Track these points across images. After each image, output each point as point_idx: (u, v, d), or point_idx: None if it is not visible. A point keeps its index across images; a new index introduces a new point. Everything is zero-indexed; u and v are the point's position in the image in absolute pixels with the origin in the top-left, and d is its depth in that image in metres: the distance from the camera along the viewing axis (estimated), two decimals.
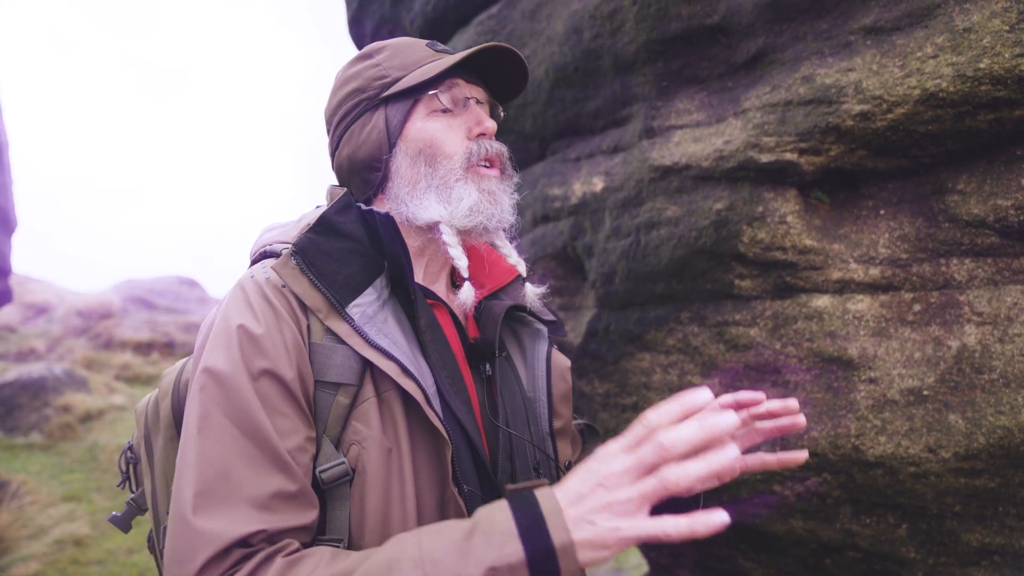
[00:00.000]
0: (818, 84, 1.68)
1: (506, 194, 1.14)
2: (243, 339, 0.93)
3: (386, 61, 1.13)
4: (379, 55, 1.14)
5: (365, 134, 1.12)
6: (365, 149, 1.12)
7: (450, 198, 1.08)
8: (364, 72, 1.13)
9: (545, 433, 1.16)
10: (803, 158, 1.72)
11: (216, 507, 0.84)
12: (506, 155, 1.16)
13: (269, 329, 0.94)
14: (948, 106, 1.48)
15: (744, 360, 1.87)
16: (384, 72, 1.12)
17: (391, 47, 1.15)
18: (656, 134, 2.13)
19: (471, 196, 1.09)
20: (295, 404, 0.93)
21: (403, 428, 0.98)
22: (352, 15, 3.64)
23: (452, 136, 1.11)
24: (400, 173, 1.11)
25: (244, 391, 0.89)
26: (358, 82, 1.13)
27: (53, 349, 13.85)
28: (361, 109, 1.12)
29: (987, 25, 1.42)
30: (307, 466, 0.92)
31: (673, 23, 2.01)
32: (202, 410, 0.89)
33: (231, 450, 0.87)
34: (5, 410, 8.79)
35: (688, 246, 1.94)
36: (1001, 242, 1.52)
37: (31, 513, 5.76)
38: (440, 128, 1.11)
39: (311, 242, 1.01)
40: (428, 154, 1.10)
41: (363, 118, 1.12)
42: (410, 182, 1.10)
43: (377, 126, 1.11)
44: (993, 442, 1.45)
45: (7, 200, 9.39)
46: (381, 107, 1.11)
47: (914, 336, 1.61)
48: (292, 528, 0.87)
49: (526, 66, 1.15)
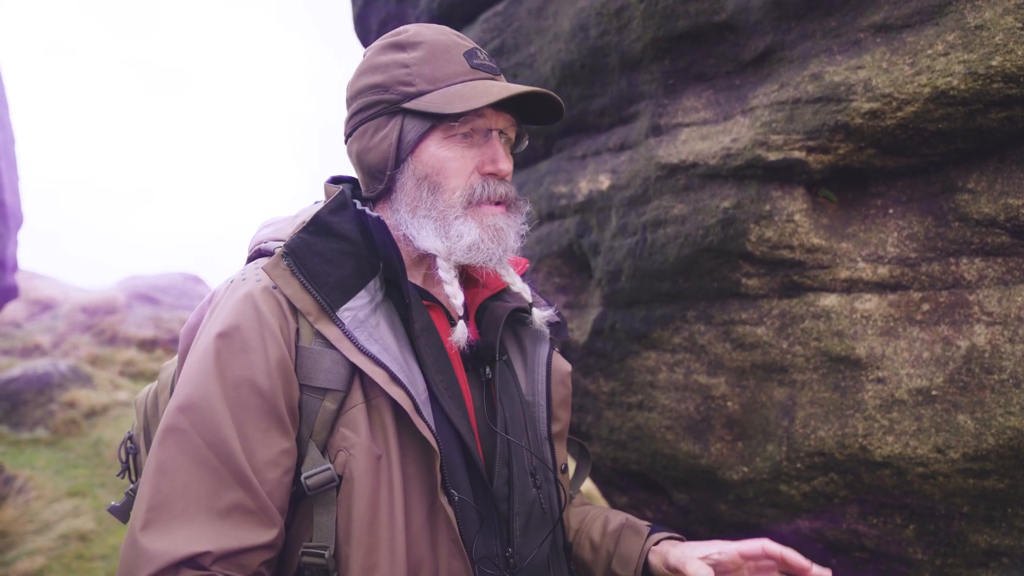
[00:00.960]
0: (827, 82, 1.67)
1: (513, 228, 1.08)
2: (221, 347, 0.91)
3: (416, 65, 1.04)
4: (412, 52, 1.05)
5: (376, 140, 1.06)
6: (373, 155, 1.06)
7: (448, 233, 1.04)
8: (391, 68, 1.05)
9: (543, 438, 1.16)
10: (811, 156, 1.71)
11: (167, 523, 0.83)
12: (513, 196, 1.10)
13: (251, 337, 0.92)
14: (959, 104, 1.47)
15: (751, 359, 1.87)
16: (411, 78, 1.03)
17: (427, 46, 1.05)
18: (663, 132, 2.12)
19: (471, 234, 1.03)
20: (271, 415, 0.91)
21: (393, 435, 0.96)
22: (358, 11, 3.63)
23: (462, 168, 1.05)
24: (404, 190, 1.06)
25: (214, 401, 0.88)
26: (383, 77, 1.06)
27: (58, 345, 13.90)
28: (378, 111, 1.06)
29: (999, 22, 1.41)
30: (277, 481, 0.91)
31: (680, 20, 2.00)
32: (168, 420, 0.89)
33: (191, 462, 0.86)
34: (10, 406, 8.82)
35: (695, 244, 1.93)
36: (1012, 241, 1.51)
37: (36, 508, 5.79)
38: (452, 157, 1.04)
39: (303, 242, 0.99)
40: (433, 181, 1.04)
41: (378, 121, 1.06)
42: (412, 203, 1.06)
43: (389, 137, 1.04)
44: (1003, 443, 1.44)
45: (13, 197, 9.42)
46: (399, 116, 1.04)
47: (923, 336, 1.60)
48: (249, 548, 0.86)
49: (561, 104, 1.09)
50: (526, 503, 1.07)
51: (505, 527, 1.04)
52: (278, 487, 0.91)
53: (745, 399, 1.89)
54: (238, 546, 0.84)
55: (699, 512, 2.12)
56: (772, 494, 1.83)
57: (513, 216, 1.09)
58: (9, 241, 9.18)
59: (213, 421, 0.87)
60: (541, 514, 1.10)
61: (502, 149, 1.09)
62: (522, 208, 1.12)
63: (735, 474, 1.88)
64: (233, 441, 0.87)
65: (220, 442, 0.87)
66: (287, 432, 0.93)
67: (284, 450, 0.92)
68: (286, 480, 0.92)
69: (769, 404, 1.83)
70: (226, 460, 0.86)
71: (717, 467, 1.92)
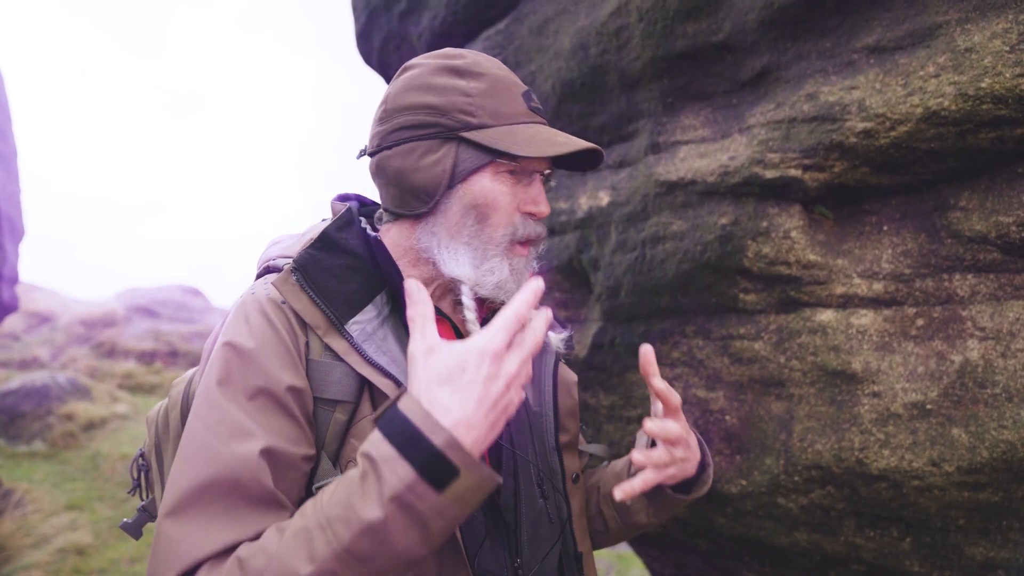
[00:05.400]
0: (822, 102, 1.71)
1: (528, 269, 1.11)
2: (234, 360, 0.93)
3: (479, 97, 1.04)
4: (473, 82, 1.05)
5: (427, 162, 1.04)
6: (421, 177, 1.05)
7: (482, 266, 1.05)
8: (450, 93, 1.04)
9: (551, 448, 1.17)
10: (807, 174, 1.74)
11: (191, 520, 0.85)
12: (544, 236, 1.13)
13: (264, 347, 0.94)
14: (950, 124, 1.51)
15: (748, 373, 1.89)
16: (472, 109, 1.03)
17: (488, 79, 1.05)
18: (662, 149, 2.16)
19: (502, 273, 1.05)
20: (290, 418, 0.92)
21: None
22: (360, 29, 3.68)
23: (509, 204, 1.07)
24: (447, 216, 1.06)
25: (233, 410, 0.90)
26: (440, 100, 1.04)
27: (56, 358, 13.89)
28: (432, 133, 1.04)
29: (988, 45, 1.45)
30: (296, 481, 0.92)
31: (679, 40, 2.04)
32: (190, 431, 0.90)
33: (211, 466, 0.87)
34: (8, 418, 8.80)
35: (693, 260, 1.96)
36: (1003, 258, 1.54)
37: (34, 522, 5.77)
38: (503, 192, 1.06)
39: (312, 258, 1.01)
40: (481, 213, 1.05)
41: (430, 143, 1.04)
42: (453, 230, 1.06)
43: (443, 163, 1.03)
44: (996, 456, 1.46)
45: (15, 209, 9.45)
46: (454, 143, 1.04)
47: (917, 350, 1.62)
48: None
49: (603, 156, 1.10)
50: (533, 513, 1.09)
51: (513, 538, 1.06)
52: (294, 486, 0.92)
53: (743, 413, 1.91)
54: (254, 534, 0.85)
55: (698, 525, 2.13)
56: (770, 507, 1.84)
57: (533, 256, 1.12)
58: (9, 254, 9.20)
59: (235, 428, 0.88)
60: (548, 524, 1.11)
61: (543, 192, 1.11)
62: (541, 247, 1.14)
63: (733, 487, 1.90)
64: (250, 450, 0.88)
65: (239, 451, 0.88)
66: (307, 436, 0.94)
67: (305, 453, 0.93)
68: (302, 482, 0.94)
69: (767, 418, 1.85)
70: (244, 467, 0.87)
71: (716, 480, 1.94)
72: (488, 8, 2.84)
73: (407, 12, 3.26)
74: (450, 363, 0.78)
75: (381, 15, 3.46)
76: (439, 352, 0.79)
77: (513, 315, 0.79)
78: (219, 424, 0.89)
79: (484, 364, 0.77)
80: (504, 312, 0.80)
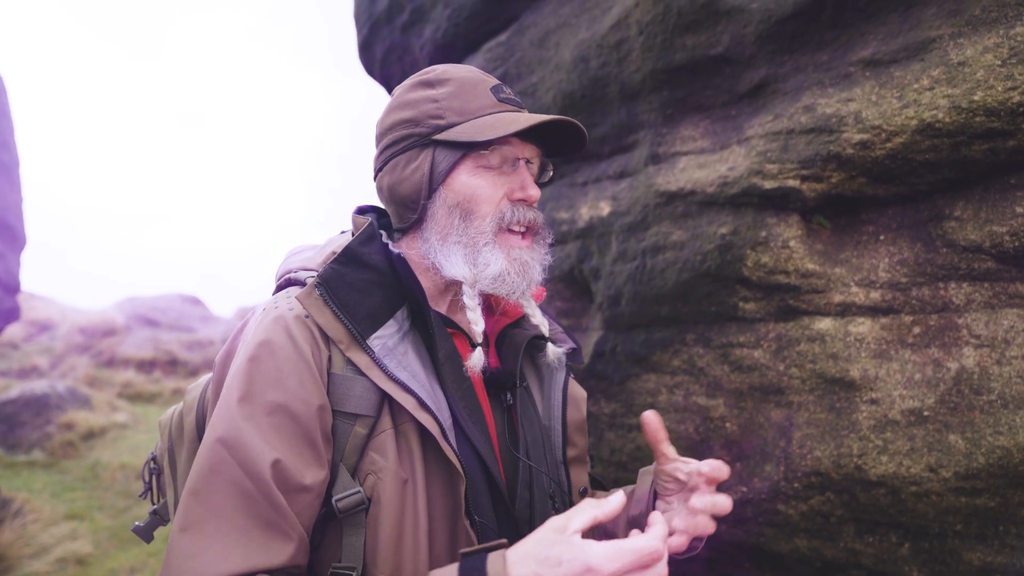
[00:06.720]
0: (819, 114, 1.74)
1: (537, 262, 1.11)
2: (256, 374, 0.94)
3: (446, 100, 1.08)
4: (440, 88, 1.10)
5: (408, 172, 1.09)
6: (406, 187, 1.09)
7: (476, 260, 1.06)
8: (421, 104, 1.09)
9: (559, 462, 1.18)
10: (805, 185, 1.77)
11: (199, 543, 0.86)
12: (540, 222, 1.13)
13: (285, 363, 0.95)
14: (944, 136, 1.54)
15: (748, 381, 1.91)
16: (441, 112, 1.07)
17: (455, 82, 1.10)
18: (662, 160, 2.19)
19: (498, 263, 1.06)
20: (305, 440, 0.93)
21: (419, 460, 0.98)
22: (362, 41, 3.72)
23: (492, 195, 1.08)
24: (435, 219, 1.09)
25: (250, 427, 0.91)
26: (413, 112, 1.09)
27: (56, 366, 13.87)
28: (409, 144, 1.09)
29: (980, 59, 1.48)
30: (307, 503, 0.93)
31: (678, 53, 2.07)
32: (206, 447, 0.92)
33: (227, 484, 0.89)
34: (7, 427, 8.79)
35: (693, 270, 1.99)
36: (997, 267, 1.56)
37: (33, 531, 5.75)
38: (483, 185, 1.08)
39: (335, 273, 1.02)
40: (465, 209, 1.07)
41: (409, 153, 1.09)
42: (442, 232, 1.08)
43: (421, 168, 1.07)
44: (992, 462, 1.48)
45: (16, 218, 9.47)
46: (430, 148, 1.08)
47: (914, 358, 1.65)
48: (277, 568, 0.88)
49: (585, 133, 1.12)
50: None
51: None
52: (307, 508, 0.93)
53: (743, 420, 1.93)
54: (267, 565, 0.86)
55: None
56: (770, 513, 1.86)
57: (538, 248, 1.13)
58: (12, 263, 9.22)
59: (249, 448, 0.90)
60: None
61: (530, 176, 1.12)
62: (547, 238, 1.15)
63: (734, 494, 1.91)
64: (266, 468, 0.89)
65: (256, 469, 0.89)
66: (320, 457, 0.95)
67: (316, 475, 0.94)
68: (316, 503, 0.94)
69: (767, 425, 1.87)
70: (260, 485, 0.88)
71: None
72: (490, 20, 2.88)
73: (409, 24, 3.30)
74: (560, 552, 0.78)
75: (383, 27, 3.50)
76: (563, 535, 0.79)
77: (640, 550, 0.78)
78: (236, 441, 0.90)
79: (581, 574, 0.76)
80: (637, 542, 0.79)
